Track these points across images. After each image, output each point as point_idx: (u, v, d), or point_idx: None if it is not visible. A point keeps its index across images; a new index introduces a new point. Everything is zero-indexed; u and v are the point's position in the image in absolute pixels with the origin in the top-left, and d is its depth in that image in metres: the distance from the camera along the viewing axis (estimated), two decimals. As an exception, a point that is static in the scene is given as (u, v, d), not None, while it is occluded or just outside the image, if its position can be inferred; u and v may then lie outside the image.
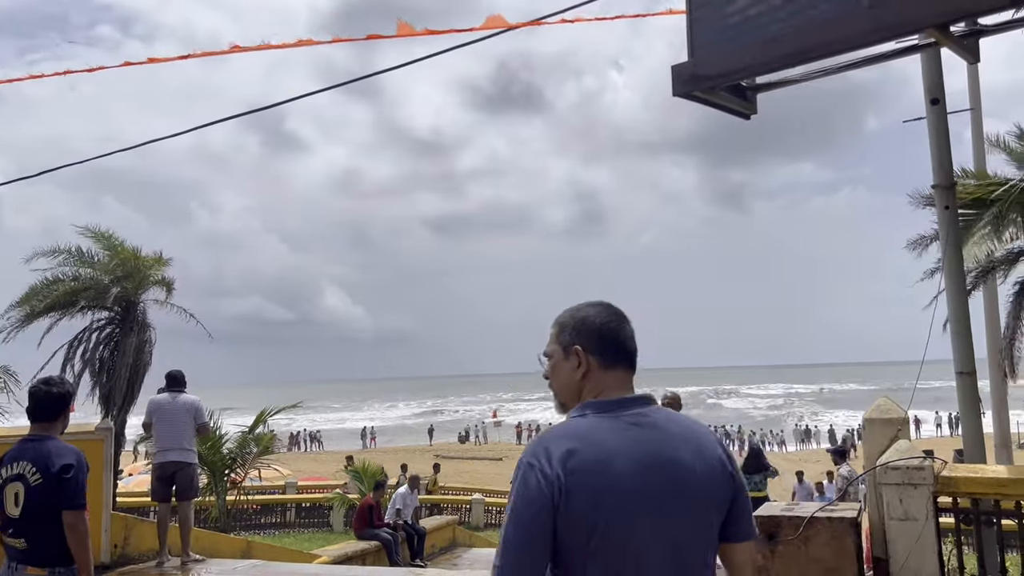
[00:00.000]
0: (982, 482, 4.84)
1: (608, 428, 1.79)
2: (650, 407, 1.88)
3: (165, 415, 7.98)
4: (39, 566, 3.85)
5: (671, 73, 3.79)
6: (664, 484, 1.75)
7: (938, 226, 5.63)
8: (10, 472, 3.93)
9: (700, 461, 1.81)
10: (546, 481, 1.68)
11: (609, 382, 1.90)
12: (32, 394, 4.21)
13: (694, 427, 1.92)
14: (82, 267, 16.62)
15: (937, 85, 5.56)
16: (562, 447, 1.73)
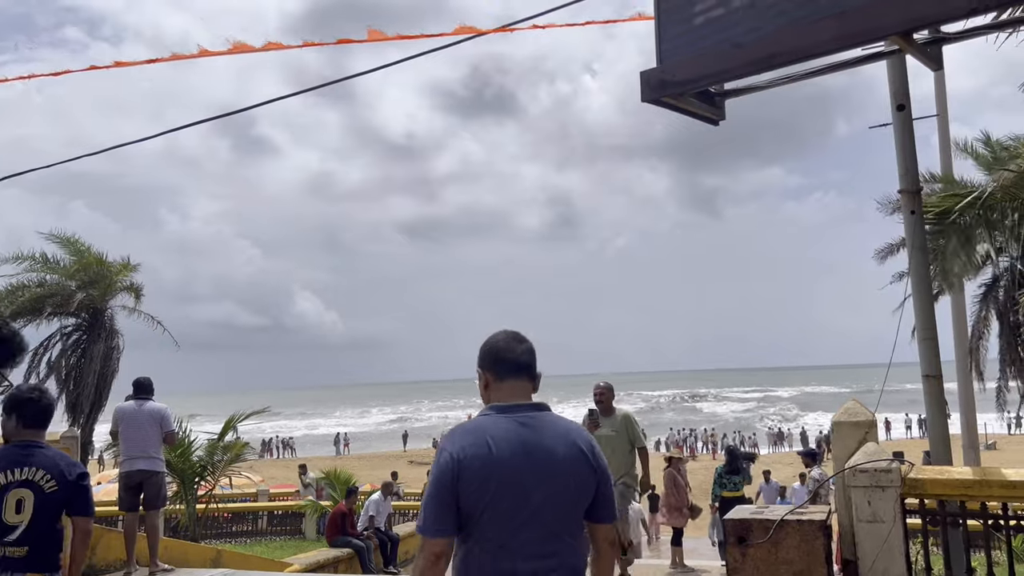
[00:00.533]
0: (948, 484, 4.89)
1: (499, 424, 2.42)
2: (538, 412, 2.51)
3: (131, 423, 7.86)
4: (41, 572, 3.81)
5: (640, 79, 3.81)
6: (534, 465, 2.37)
7: (904, 230, 5.70)
8: (13, 478, 3.82)
9: (566, 452, 2.43)
10: (452, 461, 2.35)
11: (504, 392, 2.54)
12: (28, 400, 4.07)
13: (568, 427, 2.55)
14: (48, 273, 16.38)
15: (903, 91, 5.63)
16: (465, 438, 2.40)
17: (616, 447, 7.56)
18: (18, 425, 4.02)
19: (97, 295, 16.13)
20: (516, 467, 2.36)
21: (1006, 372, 15.51)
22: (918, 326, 5.50)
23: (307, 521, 19.08)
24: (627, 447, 7.67)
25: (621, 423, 7.70)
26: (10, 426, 4.04)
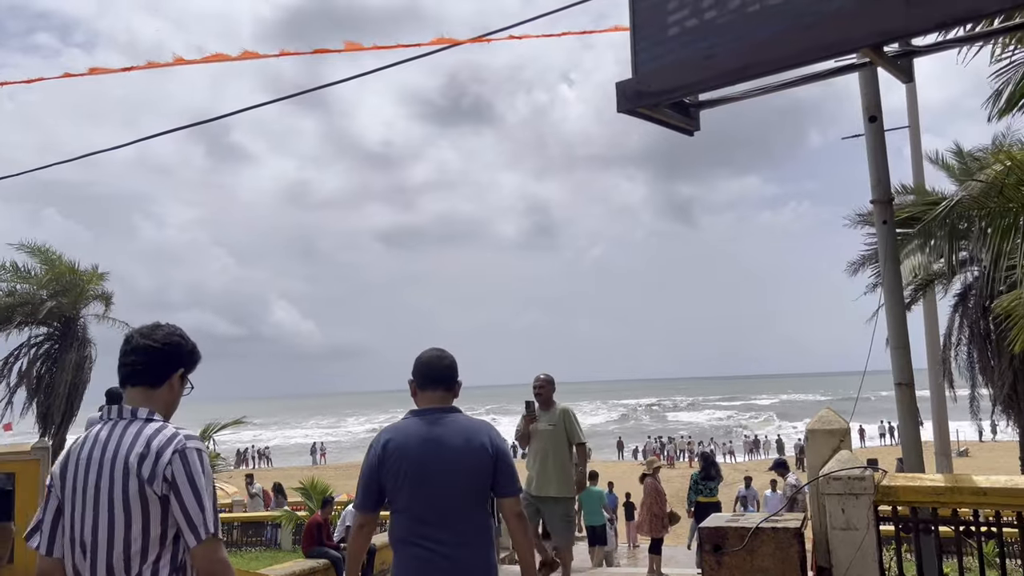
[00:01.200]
0: (920, 491, 4.95)
1: (415, 424, 3.26)
2: (448, 414, 3.29)
3: None
4: None
5: (615, 90, 3.84)
6: (437, 454, 3.16)
7: (877, 240, 5.77)
8: None
9: (467, 445, 3.20)
10: (374, 453, 3.23)
11: (425, 398, 3.34)
12: None
13: (471, 424, 3.32)
14: (18, 282, 16.17)
15: (874, 103, 5.71)
16: (387, 434, 3.27)
17: (554, 442, 7.29)
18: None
19: (68, 304, 15.95)
20: (422, 456, 3.16)
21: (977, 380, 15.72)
22: (890, 335, 5.57)
23: (282, 532, 18.91)
24: (564, 442, 7.32)
25: (559, 417, 7.34)
26: None
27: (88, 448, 2.37)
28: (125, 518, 2.27)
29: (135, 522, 2.28)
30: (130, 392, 2.47)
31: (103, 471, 2.31)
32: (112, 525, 2.28)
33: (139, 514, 2.28)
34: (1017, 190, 7.60)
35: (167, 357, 2.51)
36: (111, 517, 2.28)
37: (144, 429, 2.36)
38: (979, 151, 14.10)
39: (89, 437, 2.40)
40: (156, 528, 2.29)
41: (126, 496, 2.28)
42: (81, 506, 2.32)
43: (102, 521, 2.28)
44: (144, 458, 2.29)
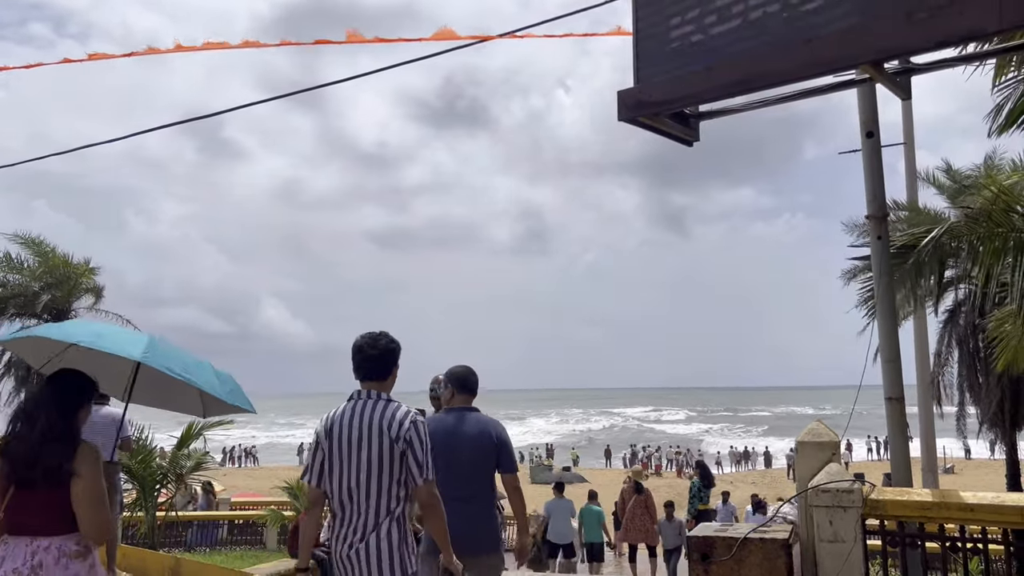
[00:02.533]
0: (908, 505, 4.98)
1: (445, 418, 4.72)
2: (468, 411, 4.76)
3: (86, 428, 7.72)
4: None
5: (617, 99, 3.86)
6: (454, 441, 4.55)
7: (870, 255, 5.81)
8: None
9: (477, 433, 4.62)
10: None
11: (455, 401, 4.79)
12: None
13: (481, 419, 4.73)
14: (11, 273, 16.11)
15: (872, 119, 5.76)
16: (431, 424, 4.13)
17: None
18: None
19: (61, 297, 15.91)
20: (445, 440, 4.46)
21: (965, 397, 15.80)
22: (882, 349, 5.60)
23: (268, 531, 18.85)
24: None
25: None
26: None
27: (348, 417, 3.65)
28: (379, 463, 3.55)
29: (385, 466, 3.55)
30: (366, 384, 3.75)
31: (363, 432, 3.59)
32: (370, 467, 3.55)
33: (387, 461, 3.55)
34: (1005, 216, 7.69)
35: (389, 357, 3.82)
36: (370, 462, 3.55)
37: (389, 406, 3.66)
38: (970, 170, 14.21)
39: (346, 409, 3.68)
40: (397, 472, 3.56)
41: (380, 449, 3.56)
42: (347, 455, 3.59)
43: (363, 465, 3.56)
44: (391, 425, 3.58)
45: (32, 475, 3.24)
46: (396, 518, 3.55)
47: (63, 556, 3.24)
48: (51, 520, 3.26)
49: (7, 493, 3.27)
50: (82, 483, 3.26)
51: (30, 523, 3.25)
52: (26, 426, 3.35)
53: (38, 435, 3.29)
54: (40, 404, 3.41)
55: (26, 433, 3.32)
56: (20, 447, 3.28)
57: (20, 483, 3.26)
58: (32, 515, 3.25)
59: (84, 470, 3.29)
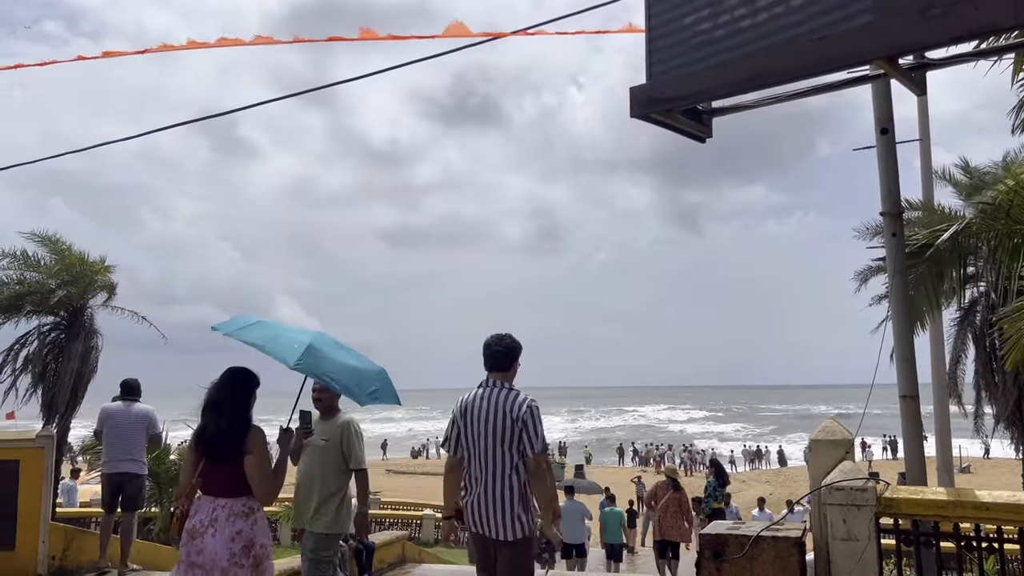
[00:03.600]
0: (923, 504, 4.95)
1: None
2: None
3: (117, 424, 7.77)
4: None
5: (629, 95, 3.85)
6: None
7: (885, 253, 5.77)
8: None
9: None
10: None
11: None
12: None
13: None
14: (27, 271, 16.22)
15: (886, 115, 5.72)
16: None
17: (324, 461, 5.82)
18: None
19: (76, 294, 16.00)
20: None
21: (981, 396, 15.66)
22: (896, 347, 5.57)
23: (282, 527, 18.95)
24: (339, 464, 5.85)
25: (337, 432, 5.87)
26: None
27: (479, 400, 4.68)
28: (503, 438, 4.56)
29: (507, 440, 4.56)
30: (493, 374, 4.75)
31: (490, 412, 4.61)
32: (495, 439, 4.57)
33: (510, 437, 4.56)
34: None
35: (512, 353, 4.81)
36: (494, 435, 4.57)
37: (511, 393, 4.66)
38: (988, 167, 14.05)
39: (477, 394, 4.71)
40: (516, 445, 4.56)
41: (504, 426, 4.56)
42: (478, 431, 4.63)
43: (488, 437, 4.59)
44: (512, 408, 4.57)
45: (218, 453, 4.35)
46: (512, 477, 4.58)
47: (232, 515, 4.30)
48: (229, 487, 4.34)
49: (199, 465, 4.37)
50: (253, 459, 4.33)
51: (215, 488, 4.36)
52: (214, 416, 4.42)
53: (224, 423, 4.37)
54: (222, 399, 4.45)
55: (214, 421, 4.39)
56: (211, 432, 4.39)
57: (209, 458, 4.37)
58: (216, 482, 4.36)
59: (255, 449, 4.35)
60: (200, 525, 4.27)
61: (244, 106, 7.27)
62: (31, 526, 7.48)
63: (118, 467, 7.70)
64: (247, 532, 4.32)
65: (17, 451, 7.68)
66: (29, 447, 7.69)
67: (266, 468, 4.40)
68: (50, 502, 7.96)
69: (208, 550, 4.20)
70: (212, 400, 4.48)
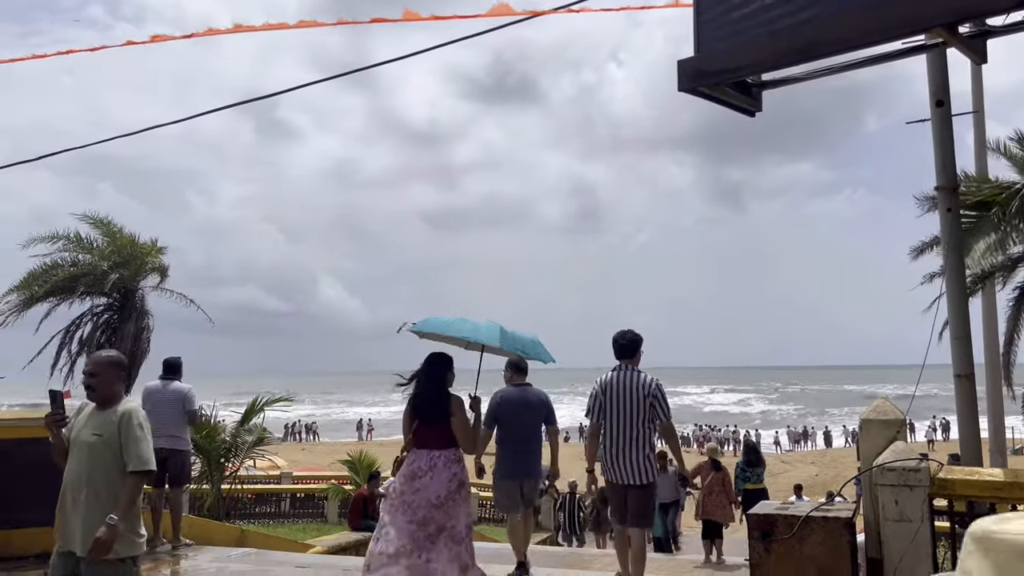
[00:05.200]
0: (978, 485, 4.84)
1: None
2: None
3: (155, 402, 8.00)
4: None
5: (677, 68, 3.78)
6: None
7: (940, 229, 5.62)
8: None
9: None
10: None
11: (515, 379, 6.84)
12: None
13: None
14: (81, 253, 16.60)
15: (942, 87, 5.54)
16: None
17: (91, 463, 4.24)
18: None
19: (128, 276, 16.34)
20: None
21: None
22: (951, 325, 5.43)
23: (329, 504, 19.26)
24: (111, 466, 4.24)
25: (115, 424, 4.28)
26: None
27: (616, 379, 6.06)
28: (639, 409, 5.96)
29: (641, 411, 5.96)
30: (623, 360, 6.16)
31: (625, 389, 6.02)
32: (631, 410, 5.97)
33: (644, 409, 5.97)
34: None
35: (636, 344, 6.24)
36: (631, 407, 5.98)
37: (640, 375, 6.08)
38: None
39: (613, 376, 6.10)
40: (648, 413, 5.99)
41: (638, 400, 5.97)
42: (616, 402, 6.02)
43: (625, 408, 5.99)
44: (644, 386, 6.00)
45: (429, 416, 5.55)
46: (644, 438, 6.00)
47: (448, 461, 5.48)
48: (441, 441, 5.52)
49: (414, 424, 5.58)
50: (456, 420, 5.52)
51: (429, 442, 5.53)
52: (425, 387, 5.63)
53: (432, 392, 5.59)
54: (430, 374, 5.66)
55: (425, 391, 5.62)
56: (423, 400, 5.61)
57: (422, 420, 5.57)
58: (431, 438, 5.54)
59: (457, 412, 5.53)
60: (419, 470, 5.44)
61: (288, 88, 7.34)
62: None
63: (157, 443, 7.92)
64: (460, 474, 5.53)
65: (74, 428, 7.88)
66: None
67: (467, 426, 5.59)
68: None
69: (429, 488, 5.37)
70: (421, 376, 5.69)
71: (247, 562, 7.72)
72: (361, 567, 5.68)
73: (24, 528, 7.49)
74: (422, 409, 5.59)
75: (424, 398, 5.62)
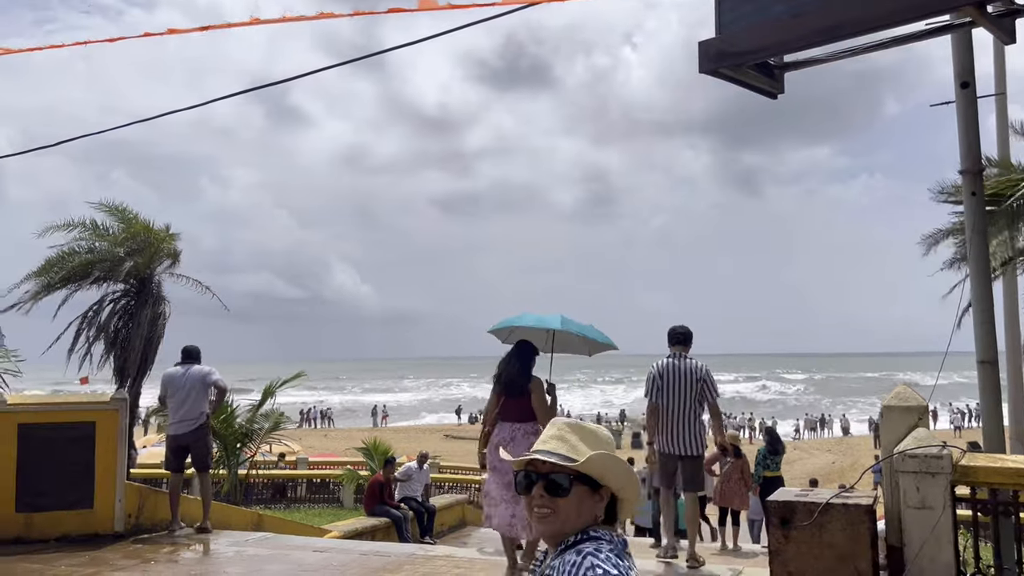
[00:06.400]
0: (1002, 472, 4.77)
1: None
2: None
3: (177, 388, 8.06)
4: None
5: (698, 49, 3.71)
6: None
7: (964, 212, 5.53)
8: None
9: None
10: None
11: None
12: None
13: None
14: (97, 240, 16.66)
15: (967, 68, 5.44)
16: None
17: None
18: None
19: (143, 262, 16.39)
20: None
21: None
22: (975, 310, 5.36)
23: (345, 490, 19.37)
24: None
25: None
26: None
27: (671, 365, 6.95)
28: (689, 390, 6.87)
29: (692, 391, 6.87)
30: (677, 348, 7.06)
31: (679, 373, 6.92)
32: (684, 392, 6.88)
33: (695, 391, 6.88)
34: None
35: (688, 336, 7.14)
36: (684, 389, 6.88)
37: (692, 361, 6.98)
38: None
39: (668, 362, 6.98)
40: (698, 394, 6.89)
41: (691, 382, 6.89)
42: (672, 385, 6.89)
43: (679, 390, 6.89)
44: (695, 370, 6.90)
45: (512, 391, 6.34)
46: (694, 415, 6.89)
47: (526, 433, 6.17)
48: (522, 415, 6.30)
49: (500, 400, 6.41)
50: (535, 396, 6.30)
51: (512, 416, 6.34)
52: (510, 367, 6.43)
53: (515, 371, 6.39)
54: (519, 355, 6.48)
55: (510, 370, 6.41)
56: (509, 376, 6.40)
57: (507, 395, 6.36)
58: (512, 412, 6.34)
59: (536, 390, 6.33)
60: (503, 440, 6.26)
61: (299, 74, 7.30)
62: (108, 485, 7.76)
63: (180, 429, 8.03)
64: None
65: (93, 413, 7.94)
66: (104, 409, 7.94)
67: (544, 403, 6.37)
68: (125, 462, 8.25)
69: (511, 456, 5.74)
70: (509, 357, 6.53)
71: (264, 546, 7.76)
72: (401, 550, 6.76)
73: (46, 511, 7.58)
74: (508, 385, 6.39)
75: (510, 375, 6.41)
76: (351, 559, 7.20)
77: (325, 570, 6.81)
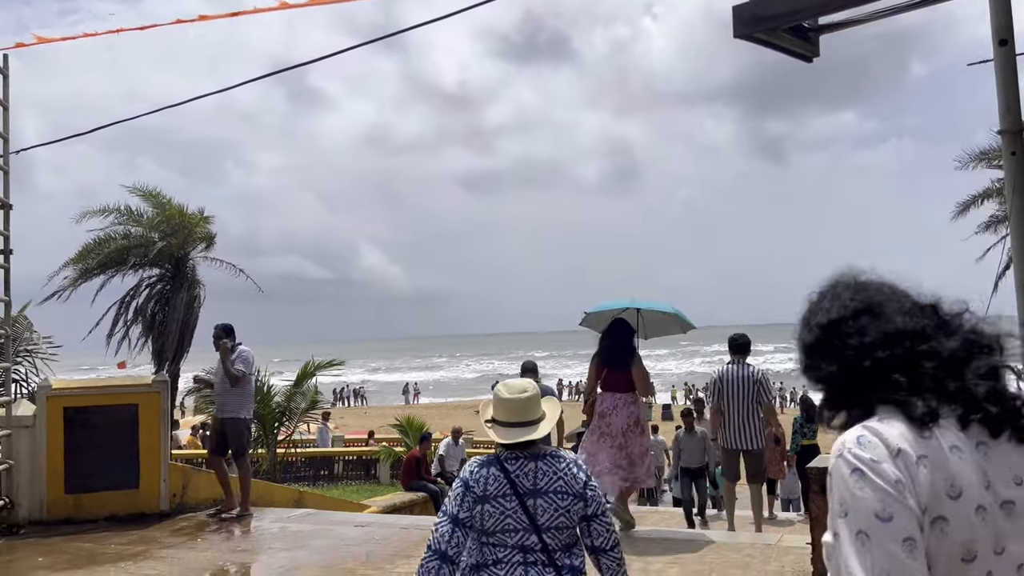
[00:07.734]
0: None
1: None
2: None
3: (217, 373, 8.12)
4: None
5: (732, 14, 3.66)
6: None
7: (1004, 172, 5.42)
8: None
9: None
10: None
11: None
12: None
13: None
14: (132, 225, 16.88)
15: (1006, 25, 5.29)
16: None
17: None
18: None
19: (176, 245, 16.59)
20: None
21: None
22: (1016, 272, 5.25)
23: (381, 466, 19.61)
24: None
25: None
26: None
27: (731, 370, 7.96)
28: (748, 392, 7.86)
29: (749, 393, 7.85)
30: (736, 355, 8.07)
31: (738, 378, 7.91)
32: (743, 393, 7.87)
33: (751, 391, 7.86)
34: None
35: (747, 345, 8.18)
36: (743, 391, 7.88)
37: (750, 367, 8.01)
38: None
39: (729, 367, 8.01)
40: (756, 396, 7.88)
41: (749, 385, 7.87)
42: (733, 388, 7.90)
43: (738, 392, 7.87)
44: (753, 375, 7.92)
45: (613, 363, 6.98)
46: (754, 414, 7.79)
47: (627, 403, 6.90)
48: (623, 385, 6.94)
49: (602, 372, 7.02)
50: (636, 369, 6.91)
51: (614, 386, 6.96)
52: (612, 341, 7.07)
53: (619, 346, 7.02)
54: (619, 329, 7.17)
55: (612, 344, 7.04)
56: (612, 350, 7.03)
57: (609, 367, 7.01)
58: (615, 383, 6.97)
59: (635, 363, 6.92)
60: (607, 409, 6.92)
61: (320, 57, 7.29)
62: (152, 465, 7.92)
63: (219, 414, 8.14)
64: (636, 412, 7.00)
65: (135, 395, 8.10)
66: (146, 391, 8.10)
67: (643, 375, 7.00)
68: (168, 442, 8.40)
69: (615, 424, 6.86)
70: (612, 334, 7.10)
71: (308, 522, 7.90)
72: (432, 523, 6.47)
73: (93, 492, 7.76)
74: (610, 358, 7.00)
75: (614, 349, 7.02)
76: (392, 532, 7.31)
77: (367, 544, 6.93)
